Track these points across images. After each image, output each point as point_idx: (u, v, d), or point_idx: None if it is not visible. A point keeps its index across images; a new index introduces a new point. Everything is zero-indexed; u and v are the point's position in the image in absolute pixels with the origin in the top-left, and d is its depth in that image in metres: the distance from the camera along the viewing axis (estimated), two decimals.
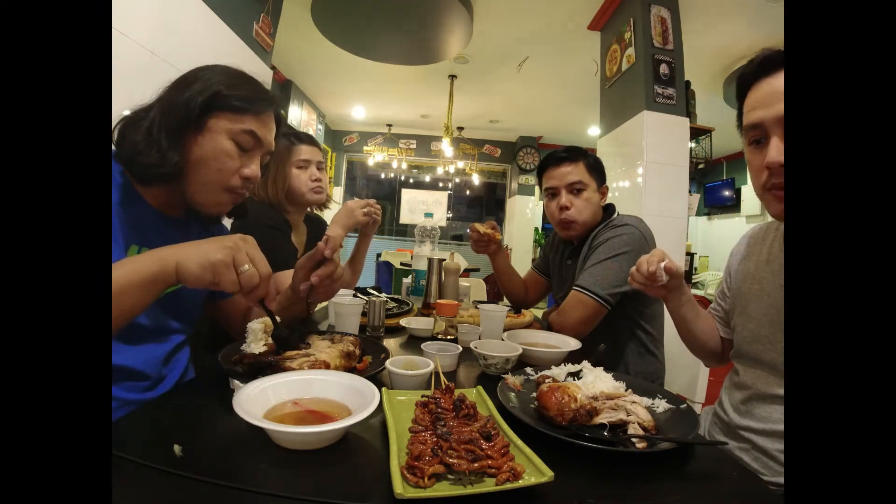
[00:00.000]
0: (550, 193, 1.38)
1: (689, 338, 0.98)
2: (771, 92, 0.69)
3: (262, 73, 0.76)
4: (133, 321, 0.63)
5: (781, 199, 0.69)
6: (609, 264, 1.22)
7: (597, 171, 1.36)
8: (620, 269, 1.20)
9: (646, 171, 2.38)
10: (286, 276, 0.93)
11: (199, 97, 0.72)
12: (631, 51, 2.56)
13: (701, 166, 2.95)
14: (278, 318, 0.74)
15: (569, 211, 1.32)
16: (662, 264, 0.86)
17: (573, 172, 1.32)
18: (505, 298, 1.67)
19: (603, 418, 0.59)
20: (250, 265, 0.61)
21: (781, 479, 0.65)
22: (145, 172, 0.71)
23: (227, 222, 1.05)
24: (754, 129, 0.71)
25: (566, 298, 1.26)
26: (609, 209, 1.40)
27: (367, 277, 3.88)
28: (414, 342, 1.07)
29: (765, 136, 0.70)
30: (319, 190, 1.37)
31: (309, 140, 1.39)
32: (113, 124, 0.73)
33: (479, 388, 0.68)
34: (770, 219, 0.82)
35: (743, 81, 0.74)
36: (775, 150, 0.67)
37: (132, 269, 0.58)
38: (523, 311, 1.37)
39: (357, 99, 5.30)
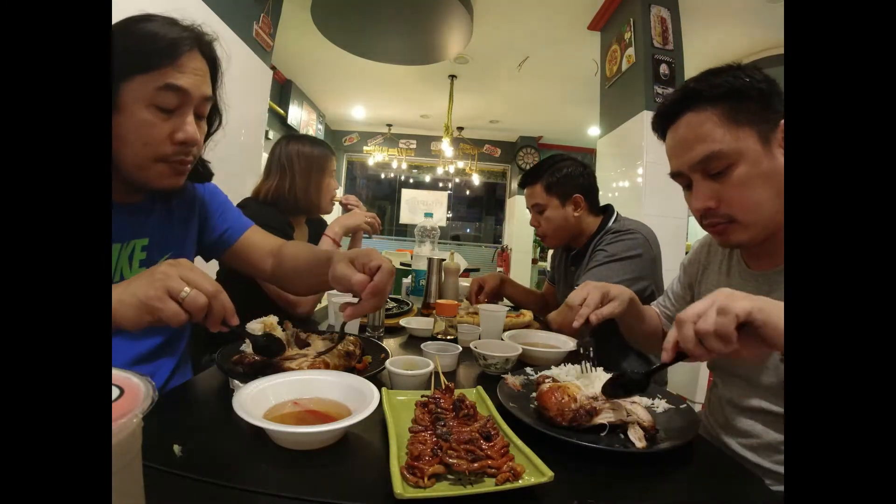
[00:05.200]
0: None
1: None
2: (677, 142, 0.73)
3: (262, 73, 0.75)
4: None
5: (720, 233, 0.73)
6: (612, 266, 1.23)
7: (560, 186, 1.36)
8: (623, 271, 1.21)
9: (646, 171, 2.38)
10: (294, 247, 0.92)
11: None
12: (631, 51, 2.56)
13: None
14: (262, 329, 0.70)
15: (538, 228, 1.44)
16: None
17: (532, 195, 1.43)
18: (505, 299, 1.68)
19: (603, 418, 0.59)
20: (189, 288, 0.54)
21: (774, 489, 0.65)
22: None
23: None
24: (678, 176, 0.75)
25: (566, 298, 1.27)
26: (608, 211, 1.40)
27: None
28: (414, 342, 1.07)
29: (689, 182, 0.73)
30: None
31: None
32: None
33: (479, 388, 0.68)
34: None
35: (659, 124, 0.77)
36: (696, 197, 0.71)
37: None
38: (523, 311, 1.37)
39: (357, 99, 5.30)
